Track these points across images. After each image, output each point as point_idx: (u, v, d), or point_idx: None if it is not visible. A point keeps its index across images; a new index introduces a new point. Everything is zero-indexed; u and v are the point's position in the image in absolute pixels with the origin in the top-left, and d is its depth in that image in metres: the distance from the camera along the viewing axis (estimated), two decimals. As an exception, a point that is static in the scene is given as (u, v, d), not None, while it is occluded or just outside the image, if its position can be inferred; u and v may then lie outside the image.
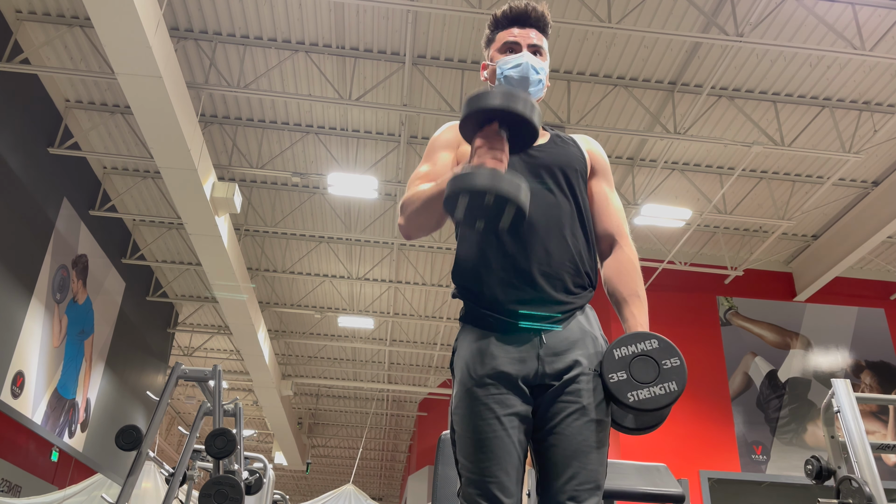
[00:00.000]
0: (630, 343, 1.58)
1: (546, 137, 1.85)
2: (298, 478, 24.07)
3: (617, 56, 7.49)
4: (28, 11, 7.33)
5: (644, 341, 1.57)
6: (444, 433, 2.91)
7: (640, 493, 3.29)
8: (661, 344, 1.56)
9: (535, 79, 1.81)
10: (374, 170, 9.17)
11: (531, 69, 1.81)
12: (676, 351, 1.55)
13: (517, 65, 1.81)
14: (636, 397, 1.52)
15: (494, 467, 1.55)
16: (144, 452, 4.21)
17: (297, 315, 13.39)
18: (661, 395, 1.51)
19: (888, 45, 6.93)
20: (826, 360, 9.95)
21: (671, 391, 1.51)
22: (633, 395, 1.53)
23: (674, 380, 1.52)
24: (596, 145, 1.92)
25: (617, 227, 1.81)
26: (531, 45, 1.84)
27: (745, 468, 9.11)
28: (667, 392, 1.51)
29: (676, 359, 1.54)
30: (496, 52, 1.88)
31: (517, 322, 1.63)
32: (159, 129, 6.78)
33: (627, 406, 1.53)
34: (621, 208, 1.87)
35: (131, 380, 12.22)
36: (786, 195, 9.24)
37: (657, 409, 1.51)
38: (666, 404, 1.51)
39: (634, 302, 1.72)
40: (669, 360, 1.54)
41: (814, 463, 3.54)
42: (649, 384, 1.53)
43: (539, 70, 1.82)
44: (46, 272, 8.80)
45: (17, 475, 8.61)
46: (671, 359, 1.54)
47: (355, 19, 7.26)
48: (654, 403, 1.51)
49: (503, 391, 1.59)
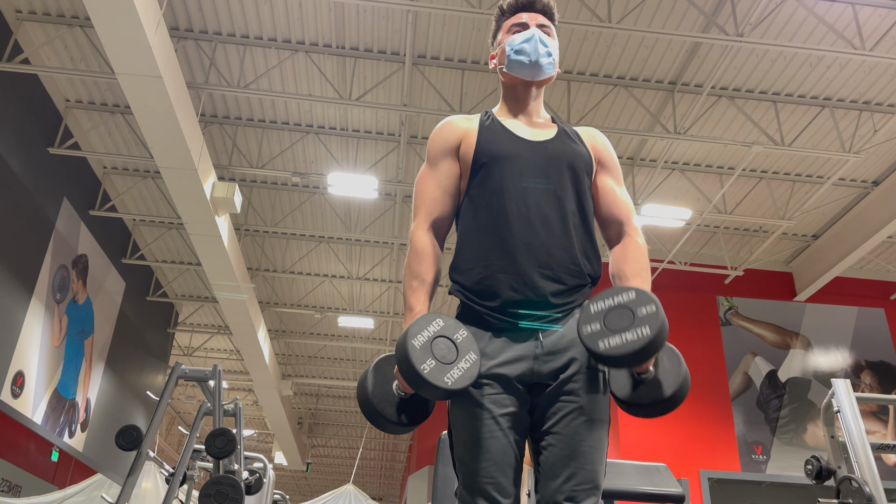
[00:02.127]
0: (607, 297, 1.55)
1: (553, 132, 1.82)
2: (298, 478, 24.07)
3: (617, 56, 7.49)
4: (28, 11, 7.33)
5: (621, 294, 1.53)
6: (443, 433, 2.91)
7: (640, 493, 3.29)
8: (637, 295, 1.52)
9: (545, 51, 1.80)
10: (374, 170, 9.17)
11: (540, 42, 1.80)
12: (653, 299, 1.50)
13: (527, 39, 1.81)
14: (606, 344, 1.48)
15: (492, 467, 1.54)
16: (144, 452, 4.21)
17: (297, 315, 13.39)
18: (633, 340, 1.45)
19: (888, 45, 6.93)
20: (826, 360, 9.95)
21: (643, 335, 1.45)
22: (604, 342, 1.48)
23: (647, 324, 1.46)
24: (602, 139, 1.89)
25: (625, 217, 1.79)
26: (540, 25, 1.84)
27: (745, 468, 9.10)
28: (638, 336, 1.45)
29: (652, 305, 1.48)
30: (504, 34, 1.87)
31: (516, 322, 1.62)
32: (159, 129, 6.78)
33: (598, 355, 1.49)
34: (629, 200, 1.84)
35: (131, 380, 12.22)
36: (786, 195, 9.24)
37: (629, 353, 1.45)
38: (638, 349, 1.44)
39: (636, 280, 1.69)
40: (645, 307, 1.48)
41: (814, 463, 3.54)
42: (621, 331, 1.48)
43: (548, 44, 1.81)
44: (46, 272, 8.80)
45: (17, 475, 8.61)
46: (646, 306, 1.49)
47: (355, 19, 7.26)
48: (625, 349, 1.45)
49: (500, 391, 1.58)
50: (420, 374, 1.47)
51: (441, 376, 1.48)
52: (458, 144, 1.80)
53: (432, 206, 1.76)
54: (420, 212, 1.77)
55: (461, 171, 1.79)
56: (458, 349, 1.54)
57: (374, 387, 1.60)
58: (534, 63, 1.80)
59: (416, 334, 1.51)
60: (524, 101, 1.86)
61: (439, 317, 1.57)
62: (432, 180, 1.79)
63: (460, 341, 1.55)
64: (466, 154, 1.78)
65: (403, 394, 1.60)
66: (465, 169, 1.78)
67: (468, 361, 1.53)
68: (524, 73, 1.82)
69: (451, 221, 1.81)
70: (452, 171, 1.79)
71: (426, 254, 1.72)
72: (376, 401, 1.59)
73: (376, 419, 1.60)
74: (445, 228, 1.80)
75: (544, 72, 1.82)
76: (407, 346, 1.49)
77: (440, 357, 1.51)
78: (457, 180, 1.79)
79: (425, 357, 1.49)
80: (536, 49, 1.79)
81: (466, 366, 1.52)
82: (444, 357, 1.51)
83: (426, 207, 1.77)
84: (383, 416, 1.58)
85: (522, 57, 1.80)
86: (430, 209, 1.76)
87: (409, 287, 1.69)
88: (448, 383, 1.48)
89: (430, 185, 1.79)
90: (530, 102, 1.86)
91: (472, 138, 1.78)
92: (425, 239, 1.73)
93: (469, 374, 1.52)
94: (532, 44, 1.80)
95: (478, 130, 1.80)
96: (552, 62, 1.83)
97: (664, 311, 1.50)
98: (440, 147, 1.82)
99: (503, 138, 1.77)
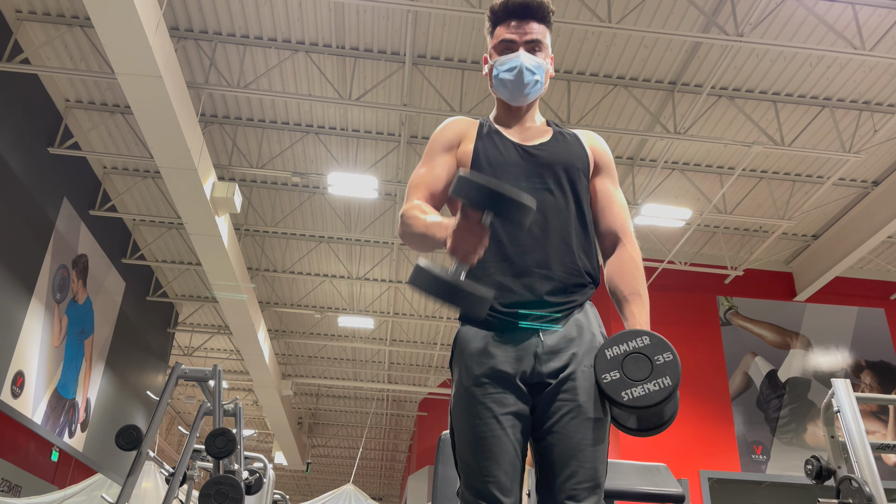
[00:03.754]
0: (621, 342, 1.57)
1: (549, 135, 1.83)
2: (298, 478, 24.07)
3: (617, 56, 7.49)
4: (28, 11, 7.33)
5: (635, 339, 1.56)
6: (444, 433, 2.91)
7: (640, 493, 3.29)
8: (652, 340, 1.55)
9: (532, 80, 1.79)
10: (374, 170, 9.17)
11: (525, 71, 1.78)
12: (668, 346, 1.54)
13: (511, 68, 1.79)
14: (630, 395, 1.51)
15: (493, 466, 1.55)
16: (144, 452, 4.22)
17: (297, 315, 13.39)
18: (656, 391, 1.49)
19: (888, 45, 6.93)
20: (826, 359, 9.95)
21: (665, 386, 1.49)
22: (628, 393, 1.52)
23: (667, 374, 1.50)
24: (599, 141, 1.89)
25: (620, 225, 1.80)
26: (528, 42, 1.80)
27: (745, 468, 9.11)
28: (661, 387, 1.50)
29: (669, 353, 1.52)
30: (493, 49, 1.85)
31: (516, 322, 1.63)
32: (159, 129, 6.78)
33: (622, 405, 1.52)
34: (625, 205, 1.85)
35: (131, 380, 12.22)
36: (786, 195, 9.24)
37: (653, 405, 1.50)
38: (661, 400, 1.49)
39: (635, 300, 1.70)
40: (662, 356, 1.52)
41: (814, 463, 3.54)
42: (643, 381, 1.51)
43: (535, 69, 1.79)
44: (46, 272, 8.80)
45: (17, 475, 8.61)
46: (663, 354, 1.52)
47: (355, 19, 7.26)
48: (649, 400, 1.50)
49: (501, 390, 1.58)
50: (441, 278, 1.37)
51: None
52: (458, 144, 1.82)
53: (424, 190, 1.76)
54: (411, 194, 1.77)
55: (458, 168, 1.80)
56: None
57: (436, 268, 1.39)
58: (517, 92, 1.81)
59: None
60: (516, 111, 1.88)
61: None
62: (426, 170, 1.80)
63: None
64: (464, 157, 1.79)
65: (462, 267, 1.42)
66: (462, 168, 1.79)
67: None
68: (509, 100, 1.84)
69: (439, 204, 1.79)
70: (449, 165, 1.80)
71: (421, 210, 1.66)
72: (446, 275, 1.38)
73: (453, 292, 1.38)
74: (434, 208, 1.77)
75: (529, 98, 1.83)
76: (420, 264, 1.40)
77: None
78: (451, 174, 1.79)
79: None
80: (521, 79, 1.79)
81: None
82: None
83: (418, 191, 1.76)
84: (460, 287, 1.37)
85: (505, 87, 1.81)
86: (422, 194, 1.75)
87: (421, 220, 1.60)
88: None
89: (422, 173, 1.79)
90: (523, 113, 1.88)
91: (470, 144, 1.79)
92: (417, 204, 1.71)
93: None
94: (515, 73, 1.79)
95: (476, 137, 1.81)
96: (539, 86, 1.82)
97: (664, 311, 1.51)
98: (440, 143, 1.83)
99: (499, 145, 1.79)
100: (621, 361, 1.55)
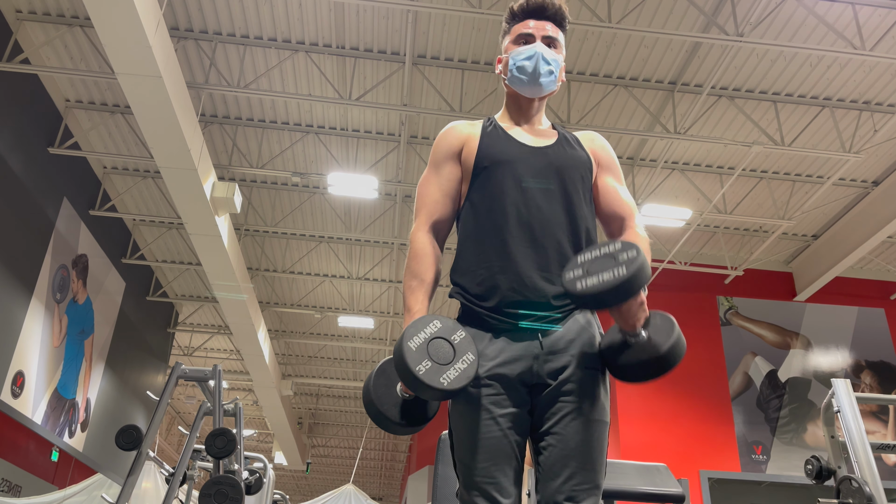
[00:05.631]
0: (594, 248, 1.57)
1: (553, 138, 1.84)
2: (298, 478, 24.07)
3: (617, 56, 7.49)
4: (28, 11, 7.33)
5: (608, 245, 1.55)
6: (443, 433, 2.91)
7: (640, 493, 3.29)
8: (622, 245, 1.53)
9: (546, 70, 1.80)
10: (374, 170, 9.17)
11: (542, 60, 1.80)
12: (635, 246, 1.51)
13: (529, 56, 1.81)
14: (584, 284, 1.50)
15: (492, 468, 1.55)
16: (144, 452, 4.21)
17: (297, 315, 13.40)
18: (608, 280, 1.47)
19: (888, 45, 6.93)
20: (826, 359, 9.95)
21: (618, 275, 1.47)
22: (582, 282, 1.51)
23: (624, 265, 1.48)
24: (601, 142, 1.90)
25: (627, 213, 1.82)
26: (546, 37, 1.83)
27: (745, 468, 9.11)
28: (614, 276, 1.47)
29: (633, 251, 1.50)
30: (510, 43, 1.87)
31: (516, 323, 1.63)
32: (159, 129, 6.78)
33: (576, 295, 1.51)
34: (631, 199, 1.86)
35: (131, 380, 12.22)
36: (786, 195, 9.24)
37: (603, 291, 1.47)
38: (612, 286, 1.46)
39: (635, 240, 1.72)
40: (626, 253, 1.51)
41: (814, 463, 3.54)
42: (599, 273, 1.50)
43: (551, 61, 1.81)
44: (46, 272, 8.80)
45: (17, 475, 8.61)
46: (628, 251, 1.51)
47: (355, 19, 7.26)
48: (599, 287, 1.48)
49: (500, 392, 1.59)
50: (415, 375, 1.49)
51: (437, 377, 1.50)
52: (461, 149, 1.82)
53: (433, 208, 1.79)
54: (421, 213, 1.79)
55: (462, 174, 1.81)
56: (456, 350, 1.55)
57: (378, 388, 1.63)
58: (533, 81, 1.81)
59: (412, 336, 1.53)
60: (526, 110, 1.88)
61: (437, 318, 1.58)
62: (434, 183, 1.82)
63: (458, 342, 1.56)
64: (468, 158, 1.80)
65: (407, 395, 1.62)
66: (466, 173, 1.80)
67: (465, 362, 1.54)
68: (524, 90, 1.84)
69: (451, 224, 1.83)
70: (454, 175, 1.81)
71: (426, 254, 1.73)
72: (380, 403, 1.62)
73: (381, 420, 1.62)
74: (445, 231, 1.82)
75: (544, 90, 1.83)
76: (403, 347, 1.51)
77: (437, 358, 1.52)
78: (458, 184, 1.81)
79: (421, 358, 1.51)
80: (537, 68, 1.80)
81: (463, 366, 1.54)
82: (440, 358, 1.52)
83: (427, 209, 1.79)
84: (387, 417, 1.61)
85: (523, 76, 1.81)
86: (430, 211, 1.79)
87: (409, 287, 1.71)
88: (444, 384, 1.50)
89: (431, 188, 1.81)
90: (532, 113, 1.88)
91: (474, 143, 1.80)
92: (425, 240, 1.76)
93: (466, 374, 1.53)
94: (533, 61, 1.80)
95: (480, 136, 1.82)
96: (553, 79, 1.83)
97: (664, 309, 1.51)
98: (443, 151, 1.84)
99: (504, 143, 1.79)
100: (589, 263, 1.54)
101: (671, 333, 1.57)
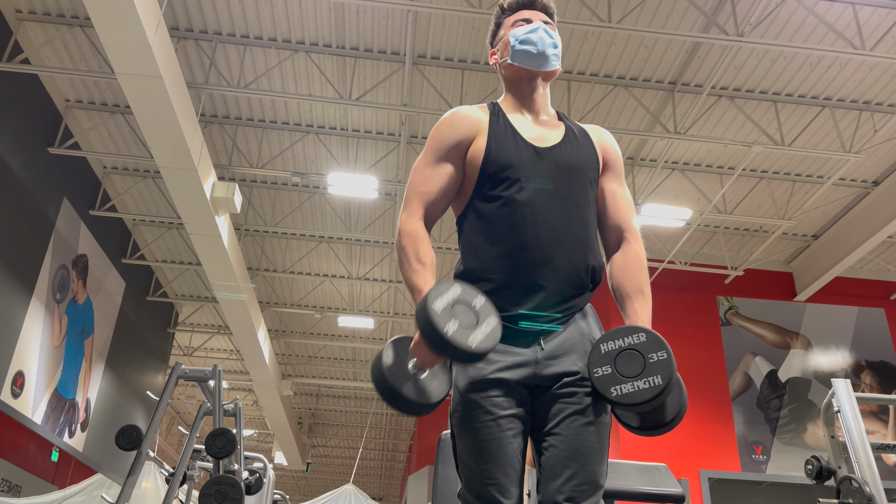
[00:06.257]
0: (617, 337, 1.55)
1: (560, 133, 1.79)
2: (298, 478, 24.07)
3: (617, 56, 7.49)
4: (28, 11, 7.33)
5: (631, 335, 1.54)
6: (444, 433, 2.91)
7: (640, 493, 3.29)
8: (648, 337, 1.52)
9: (551, 42, 1.80)
10: (374, 170, 9.17)
11: (546, 34, 1.80)
12: (664, 344, 1.51)
13: (533, 30, 1.81)
14: (619, 391, 1.49)
15: (493, 469, 1.55)
16: (144, 452, 4.21)
17: (297, 315, 13.39)
18: (645, 389, 1.47)
19: (888, 45, 6.93)
20: (826, 360, 9.95)
21: (655, 385, 1.47)
22: (616, 389, 1.49)
23: (659, 374, 1.47)
24: (609, 139, 1.87)
25: (626, 222, 1.79)
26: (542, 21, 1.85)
27: (746, 468, 9.10)
28: (650, 386, 1.47)
29: (663, 352, 1.49)
30: (507, 29, 1.87)
31: (517, 325, 1.63)
32: (159, 129, 6.78)
33: (611, 401, 1.51)
34: (631, 204, 1.84)
35: (131, 380, 12.22)
36: (786, 195, 9.24)
37: (640, 402, 1.47)
38: (649, 398, 1.47)
39: (638, 298, 1.69)
40: (656, 354, 1.49)
41: (814, 463, 3.54)
42: (633, 378, 1.49)
43: (553, 37, 1.82)
44: (46, 272, 8.80)
45: (17, 475, 8.61)
46: (658, 352, 1.49)
47: (355, 19, 7.26)
48: (637, 398, 1.47)
49: (501, 394, 1.58)
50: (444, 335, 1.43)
51: (465, 338, 1.45)
52: (468, 145, 1.75)
53: (427, 198, 1.73)
54: (414, 201, 1.73)
55: (467, 172, 1.75)
56: (478, 314, 1.51)
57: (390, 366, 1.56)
58: (540, 53, 1.79)
59: (436, 298, 1.47)
60: (530, 95, 1.83)
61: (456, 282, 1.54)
62: (432, 178, 1.74)
63: (479, 307, 1.52)
64: (474, 158, 1.73)
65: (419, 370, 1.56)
66: (471, 172, 1.74)
67: (490, 325, 1.50)
68: (531, 63, 1.80)
69: (439, 216, 1.79)
70: (455, 175, 1.75)
71: (422, 238, 1.69)
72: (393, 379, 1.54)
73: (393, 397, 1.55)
74: (433, 222, 1.77)
75: (550, 63, 1.81)
76: (428, 309, 1.45)
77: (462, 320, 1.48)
78: (458, 181, 1.76)
79: (448, 318, 1.46)
80: (543, 39, 1.79)
81: (488, 329, 1.49)
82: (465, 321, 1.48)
83: (421, 199, 1.73)
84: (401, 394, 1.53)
85: (529, 47, 1.79)
86: (424, 200, 1.73)
87: (413, 270, 1.64)
88: (472, 344, 1.45)
89: (428, 178, 1.74)
90: (537, 98, 1.83)
91: (482, 142, 1.73)
92: (419, 226, 1.71)
93: (492, 337, 1.49)
94: (538, 34, 1.80)
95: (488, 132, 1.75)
96: (557, 54, 1.82)
97: (664, 311, 1.51)
98: (448, 143, 1.76)
99: (512, 145, 1.73)
100: (615, 357, 1.52)
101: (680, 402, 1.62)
